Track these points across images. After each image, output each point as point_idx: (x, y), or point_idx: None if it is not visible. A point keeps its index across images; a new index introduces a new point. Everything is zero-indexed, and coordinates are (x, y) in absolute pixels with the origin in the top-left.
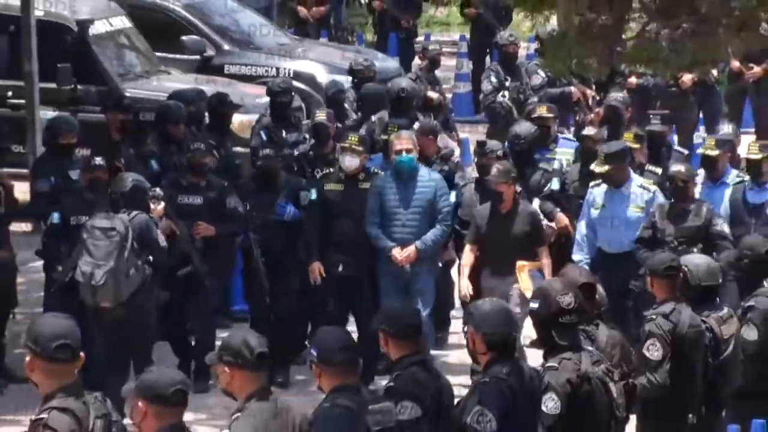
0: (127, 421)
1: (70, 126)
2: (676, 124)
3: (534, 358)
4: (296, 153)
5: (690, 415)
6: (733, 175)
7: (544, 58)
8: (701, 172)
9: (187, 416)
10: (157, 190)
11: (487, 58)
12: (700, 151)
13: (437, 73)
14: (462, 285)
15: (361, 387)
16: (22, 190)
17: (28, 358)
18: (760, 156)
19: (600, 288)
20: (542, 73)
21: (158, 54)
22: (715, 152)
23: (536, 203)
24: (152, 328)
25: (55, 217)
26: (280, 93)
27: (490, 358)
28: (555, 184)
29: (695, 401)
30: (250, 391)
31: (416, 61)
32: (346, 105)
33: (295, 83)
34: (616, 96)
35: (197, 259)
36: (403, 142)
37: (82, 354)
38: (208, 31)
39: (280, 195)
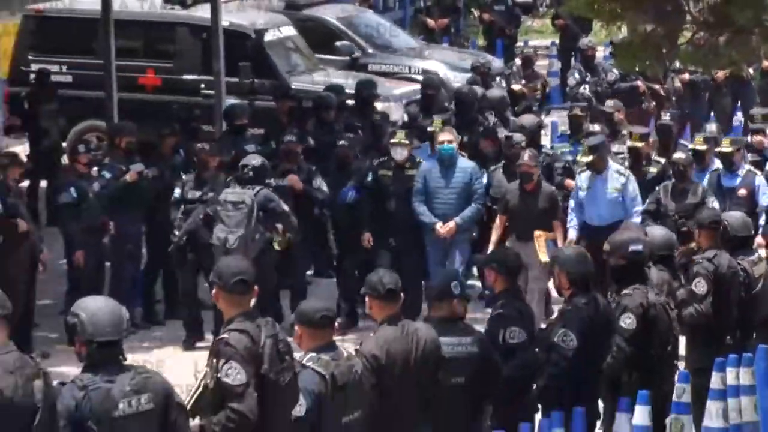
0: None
1: (243, 110)
2: (714, 111)
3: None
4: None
5: (728, 338)
6: (716, 165)
7: (617, 59)
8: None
9: None
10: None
11: (572, 59)
12: (690, 146)
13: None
14: (494, 244)
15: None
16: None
17: (214, 291)
18: (731, 149)
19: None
20: (615, 71)
21: (317, 55)
22: (703, 147)
23: None
24: (273, 280)
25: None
26: (429, 86)
27: (571, 292)
28: None
29: (732, 327)
30: (383, 317)
31: (516, 61)
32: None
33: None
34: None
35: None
36: (446, 134)
37: (256, 287)
38: (356, 38)
39: (352, 178)
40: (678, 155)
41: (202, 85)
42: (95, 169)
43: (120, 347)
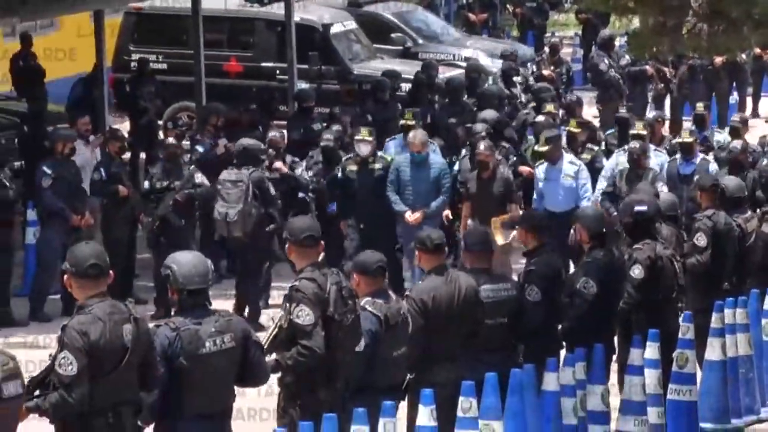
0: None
1: (310, 93)
2: (714, 92)
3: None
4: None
5: (725, 283)
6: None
7: (630, 47)
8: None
9: None
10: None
11: (593, 48)
12: (632, 132)
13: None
14: (461, 231)
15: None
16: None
17: (287, 245)
18: (690, 140)
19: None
20: (627, 57)
21: (375, 45)
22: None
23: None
24: (267, 250)
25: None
26: (473, 70)
27: (591, 245)
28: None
29: (728, 274)
30: (429, 268)
31: (545, 49)
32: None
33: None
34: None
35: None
36: (416, 145)
37: (322, 242)
38: (408, 30)
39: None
40: (632, 144)
41: (278, 72)
42: (187, 143)
43: (206, 294)
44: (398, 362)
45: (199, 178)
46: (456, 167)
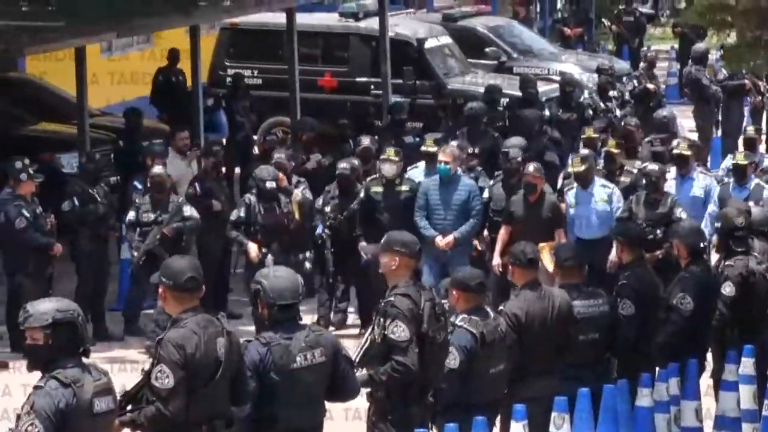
0: None
1: (404, 107)
2: None
3: None
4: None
5: None
6: (697, 171)
7: (726, 60)
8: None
9: None
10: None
11: (689, 61)
12: (675, 151)
13: (655, 71)
14: (495, 257)
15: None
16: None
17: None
18: (745, 162)
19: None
20: (724, 71)
21: (469, 60)
22: (687, 152)
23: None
24: None
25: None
26: (568, 84)
27: (688, 261)
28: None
29: None
30: (523, 282)
31: (641, 63)
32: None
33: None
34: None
35: None
36: (445, 155)
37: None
38: (502, 45)
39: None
40: (651, 167)
41: (372, 86)
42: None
43: (297, 309)
44: (495, 379)
45: (188, 210)
46: (486, 194)
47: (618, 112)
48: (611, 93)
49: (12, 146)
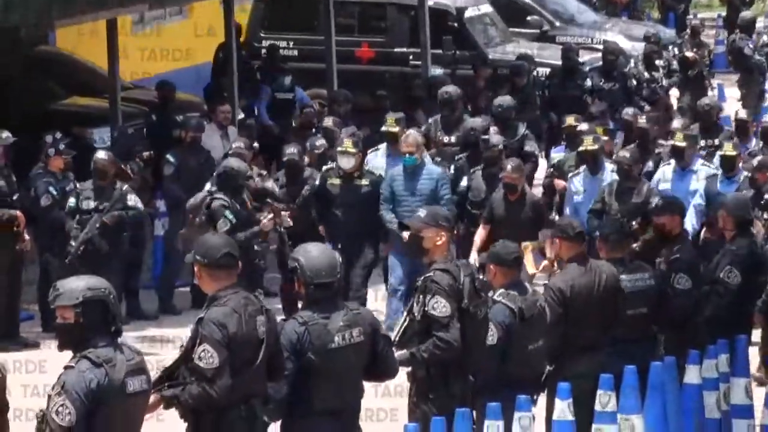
0: None
1: (444, 80)
2: None
3: None
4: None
5: None
6: (698, 164)
7: None
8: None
9: None
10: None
11: (736, 29)
12: (670, 142)
13: (703, 39)
14: (472, 256)
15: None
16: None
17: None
18: (733, 153)
19: None
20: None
21: (511, 29)
22: (682, 143)
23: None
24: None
25: None
26: (610, 52)
27: (735, 233)
28: None
29: None
30: (570, 256)
31: (687, 31)
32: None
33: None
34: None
35: None
36: (407, 145)
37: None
38: (544, 13)
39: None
40: (622, 154)
41: (411, 57)
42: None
43: (334, 288)
44: (534, 356)
45: (132, 199)
46: (464, 182)
47: (664, 82)
48: (657, 62)
49: (43, 121)
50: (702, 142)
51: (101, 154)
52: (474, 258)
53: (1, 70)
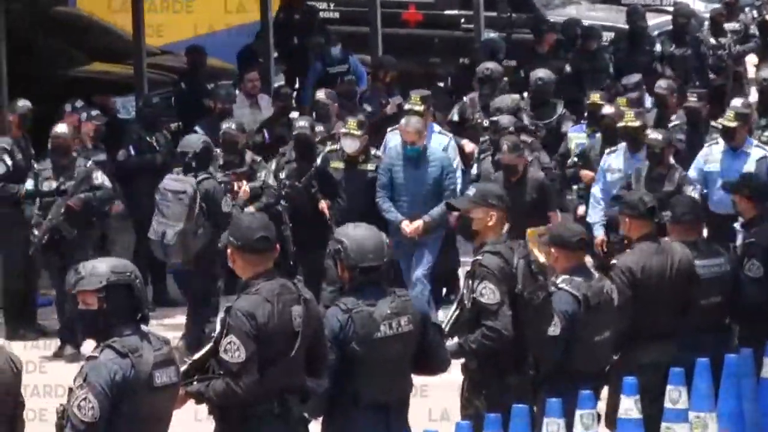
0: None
1: (500, 44)
2: None
3: None
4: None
5: None
6: (752, 145)
7: None
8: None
9: None
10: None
11: None
12: (720, 121)
13: None
14: None
15: None
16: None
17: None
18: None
19: None
20: None
21: None
22: (733, 123)
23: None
24: (217, 281)
25: None
26: (681, 15)
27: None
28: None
29: None
30: (639, 235)
31: None
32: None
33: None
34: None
35: None
36: (409, 134)
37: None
38: None
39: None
40: (653, 135)
41: (462, 20)
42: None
43: (381, 272)
44: (600, 347)
45: (99, 177)
46: (474, 170)
47: (736, 48)
48: (728, 26)
49: (62, 89)
50: (764, 121)
51: (60, 128)
52: None
53: (17, 33)
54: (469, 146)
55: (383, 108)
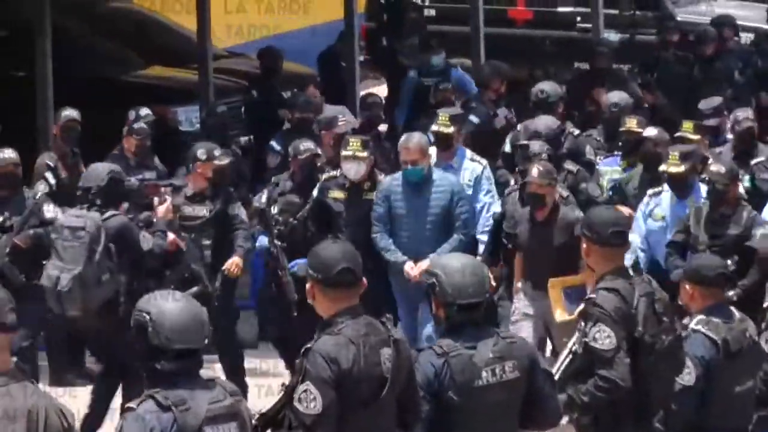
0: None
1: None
2: None
3: None
4: None
5: None
6: None
7: None
8: None
9: None
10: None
11: None
12: None
13: None
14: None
15: None
16: None
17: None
18: None
19: None
20: None
21: None
22: None
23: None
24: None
25: None
26: None
27: None
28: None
29: None
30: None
31: None
32: None
33: None
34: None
35: (206, 277)
36: (411, 152)
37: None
38: None
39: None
40: (715, 168)
41: (578, 18)
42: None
43: (482, 310)
44: (741, 400)
45: (51, 211)
46: (496, 206)
47: None
48: None
49: (115, 96)
50: None
51: (5, 152)
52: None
53: (64, 32)
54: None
55: (491, 120)
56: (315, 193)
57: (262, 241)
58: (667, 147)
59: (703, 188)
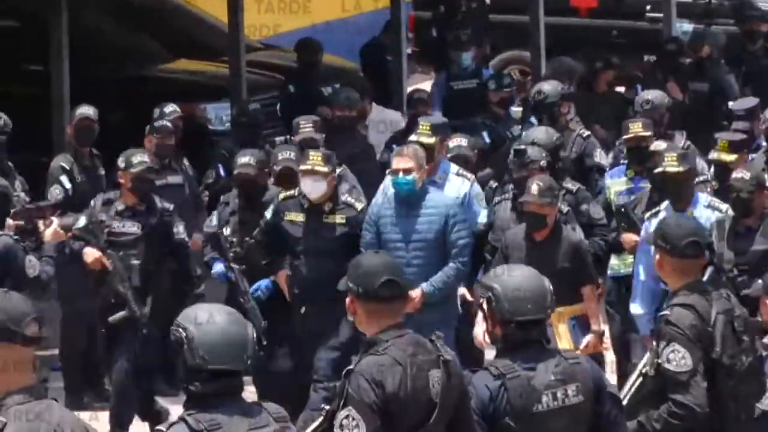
0: None
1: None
2: None
3: None
4: None
5: None
6: None
7: None
8: None
9: None
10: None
11: None
12: None
13: None
14: (476, 332)
15: None
16: None
17: (657, 257)
18: None
19: None
20: None
21: None
22: None
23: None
24: None
25: None
26: None
27: None
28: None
29: None
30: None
31: None
32: None
33: None
34: None
35: (132, 300)
36: (403, 159)
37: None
38: None
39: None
40: (739, 175)
41: (648, 7)
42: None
43: (542, 328)
44: None
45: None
46: (482, 217)
47: None
48: None
49: (140, 91)
50: None
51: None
52: (480, 335)
53: (85, 23)
54: None
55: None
56: (268, 215)
57: (218, 267)
58: (684, 164)
59: (703, 198)
